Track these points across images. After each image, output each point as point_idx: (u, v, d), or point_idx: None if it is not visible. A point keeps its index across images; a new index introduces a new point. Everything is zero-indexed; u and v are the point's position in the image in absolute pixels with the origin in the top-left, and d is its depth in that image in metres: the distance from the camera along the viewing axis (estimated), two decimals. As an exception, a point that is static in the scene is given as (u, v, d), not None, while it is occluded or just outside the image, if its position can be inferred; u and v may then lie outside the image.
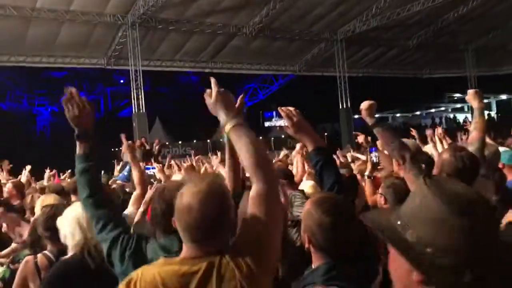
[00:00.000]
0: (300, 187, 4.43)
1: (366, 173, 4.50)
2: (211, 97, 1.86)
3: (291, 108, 2.59)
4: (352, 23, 22.60)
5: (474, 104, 3.46)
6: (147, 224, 2.58)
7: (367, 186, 4.36)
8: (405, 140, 3.36)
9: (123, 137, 4.03)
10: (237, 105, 1.97)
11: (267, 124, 28.54)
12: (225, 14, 19.86)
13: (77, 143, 2.23)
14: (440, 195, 1.09)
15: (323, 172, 2.50)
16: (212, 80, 1.90)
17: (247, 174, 1.82)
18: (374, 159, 6.07)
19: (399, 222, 1.14)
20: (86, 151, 2.23)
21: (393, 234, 1.13)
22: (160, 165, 7.72)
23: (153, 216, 2.21)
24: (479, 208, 1.08)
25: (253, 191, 1.72)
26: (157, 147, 18.51)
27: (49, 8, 17.02)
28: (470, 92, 3.53)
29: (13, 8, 16.47)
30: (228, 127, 1.80)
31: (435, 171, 2.69)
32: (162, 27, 19.80)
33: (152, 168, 9.15)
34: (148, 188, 3.53)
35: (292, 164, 6.11)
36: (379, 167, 5.25)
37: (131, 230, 2.29)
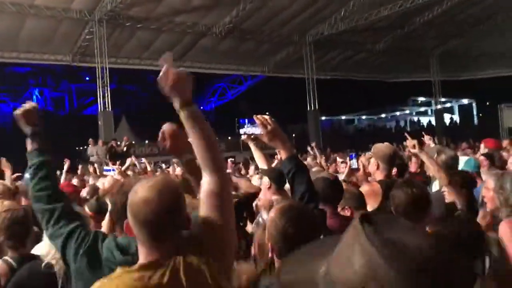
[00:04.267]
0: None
1: (342, 177, 4.54)
2: (166, 77, 1.77)
3: (266, 117, 2.59)
4: (321, 26, 22.82)
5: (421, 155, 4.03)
6: None
7: None
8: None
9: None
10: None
11: (242, 130, 28.50)
12: (195, 13, 19.71)
13: (29, 141, 2.22)
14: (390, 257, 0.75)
15: (294, 181, 2.52)
16: (166, 57, 1.82)
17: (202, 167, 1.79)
18: (353, 165, 6.11)
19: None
20: (39, 146, 2.21)
21: None
22: (120, 167, 7.58)
23: (112, 211, 2.09)
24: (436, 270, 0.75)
25: (205, 187, 1.71)
26: (126, 144, 18.26)
27: (12, 2, 16.48)
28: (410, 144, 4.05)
29: (-26, 1, 15.91)
30: (182, 114, 1.76)
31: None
32: (130, 24, 19.45)
33: (112, 170, 8.88)
34: None
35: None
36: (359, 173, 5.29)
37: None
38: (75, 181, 7.21)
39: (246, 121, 28.47)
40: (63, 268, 2.38)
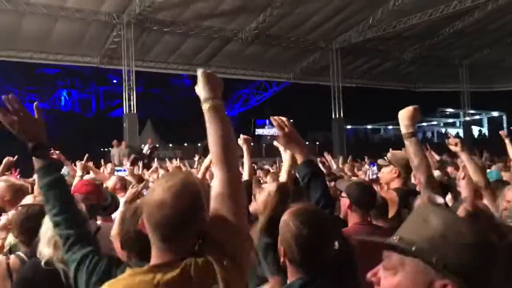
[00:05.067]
0: None
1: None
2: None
3: (284, 118, 2.52)
4: (348, 33, 22.64)
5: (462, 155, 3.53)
6: None
7: None
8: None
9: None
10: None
11: (258, 131, 28.42)
12: (222, 18, 19.79)
13: (34, 158, 2.01)
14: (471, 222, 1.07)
15: (310, 185, 2.45)
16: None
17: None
18: (372, 175, 5.97)
19: (413, 248, 1.06)
20: (46, 163, 2.01)
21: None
22: (131, 167, 7.58)
23: (125, 240, 2.00)
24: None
25: (218, 187, 1.67)
26: (150, 146, 18.40)
27: (43, 4, 16.82)
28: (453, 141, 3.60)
29: (6, 2, 16.26)
30: (205, 106, 1.76)
31: None
32: (157, 28, 19.67)
33: (123, 171, 8.88)
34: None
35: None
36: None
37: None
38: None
39: (267, 122, 28.29)
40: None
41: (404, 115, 2.57)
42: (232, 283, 1.50)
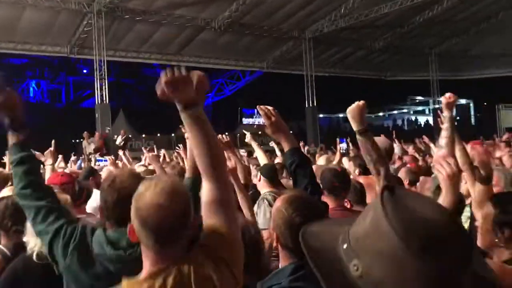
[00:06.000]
0: None
1: (334, 162, 4.52)
2: (169, 78, 1.63)
3: (270, 108, 2.58)
4: (321, 22, 22.75)
5: (446, 112, 3.22)
6: None
7: None
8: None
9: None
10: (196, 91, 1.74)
11: (245, 121, 28.43)
12: (194, 7, 19.61)
13: (10, 134, 2.09)
14: (395, 221, 0.79)
15: (297, 172, 2.51)
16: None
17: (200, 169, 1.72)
18: (343, 150, 6.11)
19: (345, 246, 0.88)
20: (21, 140, 2.09)
21: (328, 262, 0.88)
22: (112, 157, 7.50)
23: (104, 208, 2.02)
24: (449, 244, 0.78)
25: (206, 195, 1.65)
26: (123, 138, 18.19)
27: (10, -8, 16.38)
28: (447, 96, 3.25)
29: (-29, -10, 15.77)
30: (183, 115, 1.66)
31: None
32: (129, 17, 19.36)
33: (104, 161, 8.79)
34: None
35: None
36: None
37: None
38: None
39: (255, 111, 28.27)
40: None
41: (355, 111, 2.57)
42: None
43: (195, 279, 1.48)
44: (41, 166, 3.77)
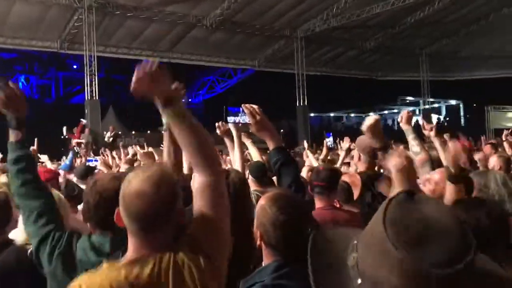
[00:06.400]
0: None
1: (321, 157, 4.54)
2: (143, 74, 1.57)
3: (255, 106, 2.58)
4: (313, 21, 22.79)
5: (405, 127, 3.47)
6: None
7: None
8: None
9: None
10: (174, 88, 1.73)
11: (230, 119, 28.38)
12: (186, 4, 19.55)
13: (11, 130, 2.10)
14: (388, 218, 0.83)
15: (282, 171, 2.52)
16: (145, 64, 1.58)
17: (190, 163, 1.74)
18: (330, 144, 6.13)
19: (355, 242, 0.94)
20: (21, 138, 2.10)
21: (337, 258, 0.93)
22: (103, 157, 7.44)
23: (85, 210, 2.03)
24: (436, 243, 0.79)
25: (198, 183, 1.64)
26: (112, 134, 18.07)
27: (-1, -15, 16.22)
28: (404, 114, 3.53)
29: (-40, -17, 15.58)
30: (167, 114, 1.62)
31: None
32: (119, 13, 19.24)
33: (95, 161, 8.74)
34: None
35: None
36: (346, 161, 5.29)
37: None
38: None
39: (241, 109, 28.22)
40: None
41: (375, 128, 2.52)
42: (206, 283, 1.50)
43: (173, 269, 1.47)
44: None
